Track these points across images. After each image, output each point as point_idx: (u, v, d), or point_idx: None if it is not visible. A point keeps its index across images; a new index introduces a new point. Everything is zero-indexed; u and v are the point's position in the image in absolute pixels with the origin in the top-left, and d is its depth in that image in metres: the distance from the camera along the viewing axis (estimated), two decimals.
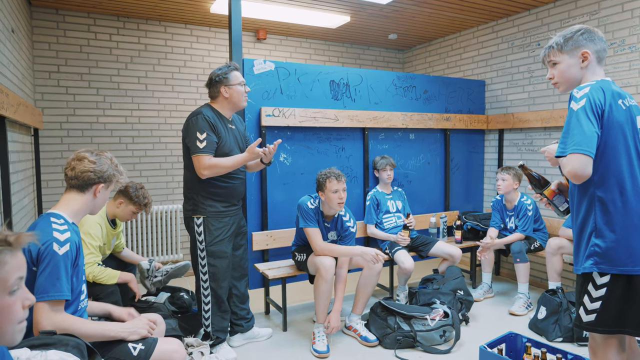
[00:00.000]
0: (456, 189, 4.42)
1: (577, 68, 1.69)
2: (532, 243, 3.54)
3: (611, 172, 1.57)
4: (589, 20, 3.57)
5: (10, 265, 0.97)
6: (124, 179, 1.87)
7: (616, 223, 1.56)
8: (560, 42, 1.70)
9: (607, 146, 1.56)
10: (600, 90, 1.56)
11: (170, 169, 4.43)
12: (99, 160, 1.75)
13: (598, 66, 1.70)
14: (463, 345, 2.86)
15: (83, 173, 1.70)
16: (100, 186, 1.74)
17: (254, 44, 4.82)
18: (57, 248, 1.54)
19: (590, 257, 1.60)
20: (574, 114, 1.55)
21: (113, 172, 1.79)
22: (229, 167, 2.50)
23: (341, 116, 3.58)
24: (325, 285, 2.79)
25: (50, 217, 1.63)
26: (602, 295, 1.58)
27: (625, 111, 1.58)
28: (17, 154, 2.87)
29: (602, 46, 1.69)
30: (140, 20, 4.24)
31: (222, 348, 2.69)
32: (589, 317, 1.61)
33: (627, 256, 1.54)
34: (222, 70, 2.57)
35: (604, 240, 1.57)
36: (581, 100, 1.54)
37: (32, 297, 1.04)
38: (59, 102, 3.96)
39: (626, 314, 1.56)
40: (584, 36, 1.68)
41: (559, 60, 1.71)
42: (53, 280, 1.52)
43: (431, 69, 5.29)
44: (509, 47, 4.29)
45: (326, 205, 2.93)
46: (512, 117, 4.19)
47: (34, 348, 1.32)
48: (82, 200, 1.72)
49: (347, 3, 3.86)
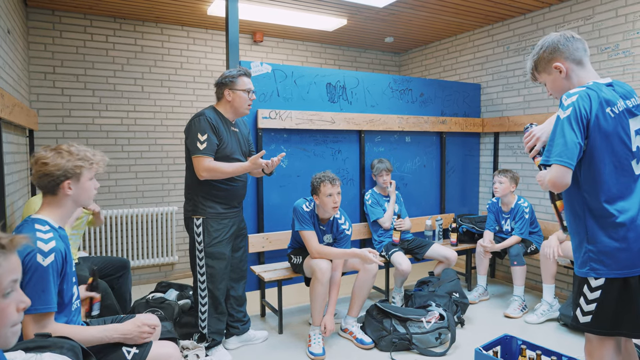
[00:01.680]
0: (452, 192, 4.43)
1: (560, 79, 1.70)
2: (528, 246, 3.56)
3: (598, 179, 1.58)
4: (583, 24, 3.60)
5: (3, 268, 0.96)
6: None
7: (607, 229, 1.58)
8: (532, 65, 1.76)
9: (593, 155, 1.57)
10: (587, 99, 1.55)
11: (166, 171, 4.42)
12: (52, 158, 1.58)
13: (581, 68, 1.68)
14: (458, 348, 2.86)
15: (40, 178, 1.58)
16: (66, 183, 1.60)
17: (250, 46, 4.83)
18: (41, 259, 1.47)
19: (585, 263, 1.62)
20: (559, 123, 1.56)
21: (75, 163, 1.61)
22: (228, 173, 2.50)
23: (337, 119, 3.59)
24: (322, 288, 2.79)
25: (35, 223, 1.56)
26: (597, 298, 1.59)
27: (614, 119, 1.57)
28: (11, 155, 2.85)
29: (574, 47, 1.67)
30: (136, 22, 4.24)
31: (217, 350, 2.68)
32: (585, 318, 1.63)
33: (622, 259, 1.56)
34: (232, 73, 2.57)
35: (596, 246, 1.59)
36: (567, 109, 1.55)
37: (27, 300, 1.03)
38: (54, 104, 3.94)
39: (622, 316, 1.58)
40: (548, 50, 1.69)
41: (542, 79, 1.77)
42: (38, 293, 1.46)
43: (427, 72, 5.31)
44: (505, 51, 4.31)
45: (321, 209, 2.93)
46: (507, 120, 4.21)
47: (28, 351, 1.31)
48: (59, 201, 1.62)
49: (344, 6, 3.87)
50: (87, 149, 1.69)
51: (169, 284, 3.20)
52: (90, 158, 1.66)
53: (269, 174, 2.65)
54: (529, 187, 4.10)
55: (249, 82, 2.60)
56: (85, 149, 1.69)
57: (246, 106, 2.61)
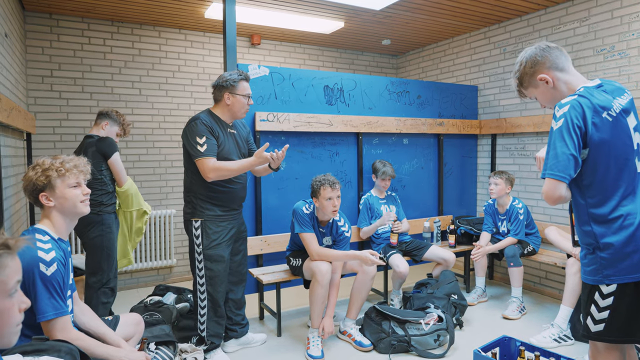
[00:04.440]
0: (449, 194, 4.44)
1: (548, 90, 1.69)
2: (525, 247, 3.56)
3: (603, 185, 1.57)
4: (579, 26, 3.62)
5: (10, 269, 1.00)
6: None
7: (616, 233, 1.55)
8: (517, 83, 1.77)
9: (597, 162, 1.56)
10: (579, 108, 1.53)
11: (164, 174, 4.41)
12: (27, 173, 1.67)
13: (566, 74, 1.67)
14: (457, 349, 2.86)
15: (25, 193, 1.68)
16: (42, 196, 1.65)
17: (248, 49, 4.84)
18: (44, 269, 1.54)
19: (598, 270, 1.58)
20: (552, 135, 1.57)
21: (42, 175, 1.64)
22: (234, 170, 2.48)
23: (335, 121, 3.60)
24: (321, 290, 2.79)
25: (36, 232, 1.62)
26: (610, 305, 1.56)
27: (613, 122, 1.55)
28: (9, 159, 2.85)
29: (553, 56, 1.66)
30: (134, 25, 4.24)
31: (216, 354, 2.67)
32: (597, 326, 1.59)
33: (632, 264, 1.52)
34: (232, 77, 2.55)
35: (607, 253, 1.56)
36: (559, 120, 1.55)
37: (27, 301, 1.07)
38: (52, 107, 3.94)
39: (635, 322, 1.55)
40: (529, 64, 1.70)
41: (531, 94, 1.76)
42: (50, 300, 1.55)
43: (424, 75, 5.33)
44: (501, 53, 4.33)
45: (320, 211, 2.94)
46: (504, 122, 4.22)
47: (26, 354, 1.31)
48: (48, 214, 1.68)
49: (341, 9, 3.88)
50: (67, 158, 1.73)
51: (166, 287, 3.20)
52: (59, 166, 1.67)
53: (276, 169, 2.62)
54: (526, 189, 4.11)
55: (248, 87, 2.61)
56: (64, 158, 1.72)
57: (243, 111, 2.61)
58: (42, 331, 1.59)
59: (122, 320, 2.02)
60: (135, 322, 2.07)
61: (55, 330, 1.56)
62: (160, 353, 2.13)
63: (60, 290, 1.58)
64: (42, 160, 1.69)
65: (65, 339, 1.51)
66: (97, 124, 3.09)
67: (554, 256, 3.58)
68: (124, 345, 1.82)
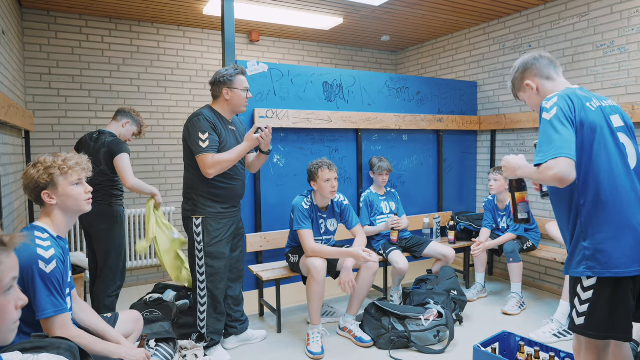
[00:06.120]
0: (449, 190, 4.44)
1: (533, 95, 1.82)
2: (524, 243, 3.57)
3: (591, 175, 1.57)
4: (578, 21, 3.61)
5: (5, 265, 0.99)
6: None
7: (601, 225, 1.56)
8: (511, 85, 1.92)
9: (584, 150, 1.57)
10: (567, 98, 1.59)
11: (163, 171, 4.41)
12: (28, 171, 1.66)
13: (551, 82, 1.78)
14: (457, 345, 2.87)
15: (25, 191, 1.67)
16: (44, 194, 1.65)
17: (247, 46, 4.82)
18: (43, 266, 1.53)
19: (580, 262, 1.59)
20: (547, 123, 1.56)
21: (44, 173, 1.63)
22: (232, 159, 2.49)
23: (334, 117, 3.59)
24: (317, 286, 2.79)
25: (35, 230, 1.61)
26: (590, 298, 1.57)
27: (596, 111, 1.60)
28: (7, 157, 2.84)
29: (541, 65, 1.79)
30: (132, 22, 4.23)
31: (216, 350, 2.68)
32: (579, 319, 1.60)
33: (615, 258, 1.53)
34: (229, 72, 2.55)
35: (591, 243, 1.56)
36: (552, 109, 1.57)
37: (25, 298, 1.06)
38: (50, 104, 3.93)
39: (614, 318, 1.54)
40: (520, 71, 1.84)
41: (521, 97, 1.91)
42: (50, 298, 1.54)
43: (424, 71, 5.32)
44: (501, 48, 4.32)
45: (319, 195, 2.96)
46: (504, 118, 4.22)
47: (25, 351, 1.31)
48: (50, 212, 1.68)
49: (340, 5, 3.87)
50: (69, 155, 1.72)
51: (166, 285, 3.19)
52: (62, 164, 1.67)
53: (267, 152, 2.65)
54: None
55: (245, 81, 2.61)
56: (65, 155, 1.71)
57: (243, 105, 2.62)
58: (41, 328, 1.59)
59: (122, 318, 2.02)
60: (134, 319, 2.07)
61: (54, 327, 1.56)
62: (160, 350, 2.14)
63: (60, 287, 1.58)
64: (43, 157, 1.68)
65: (65, 336, 1.51)
66: (116, 120, 3.06)
67: (554, 252, 3.59)
68: (124, 342, 1.82)
